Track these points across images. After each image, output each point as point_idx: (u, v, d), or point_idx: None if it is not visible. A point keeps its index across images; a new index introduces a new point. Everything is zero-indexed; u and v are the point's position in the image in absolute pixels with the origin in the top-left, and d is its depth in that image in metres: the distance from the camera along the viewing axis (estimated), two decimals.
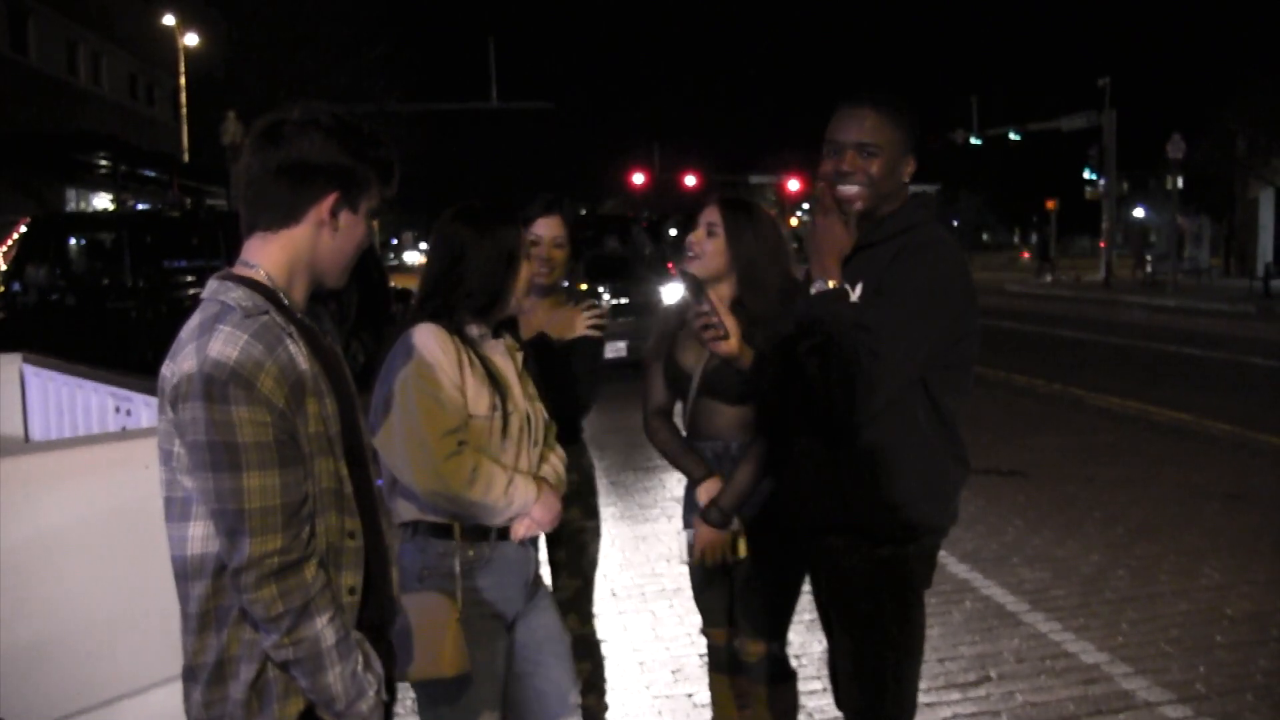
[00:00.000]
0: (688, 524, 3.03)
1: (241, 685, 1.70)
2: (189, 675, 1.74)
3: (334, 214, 1.75)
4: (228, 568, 1.66)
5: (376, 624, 1.89)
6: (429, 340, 2.36)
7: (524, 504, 2.42)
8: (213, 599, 1.70)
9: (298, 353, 1.70)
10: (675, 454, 2.98)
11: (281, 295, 1.75)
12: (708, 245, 2.86)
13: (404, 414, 2.31)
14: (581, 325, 3.11)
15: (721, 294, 2.83)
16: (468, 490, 2.31)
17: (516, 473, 2.43)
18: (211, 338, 1.64)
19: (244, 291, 1.71)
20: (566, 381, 3.01)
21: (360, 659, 1.74)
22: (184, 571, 1.72)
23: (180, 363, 1.65)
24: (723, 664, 3.16)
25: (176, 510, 1.71)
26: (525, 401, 2.51)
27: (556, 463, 2.61)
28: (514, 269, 2.48)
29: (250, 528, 1.62)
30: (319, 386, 1.73)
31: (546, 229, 3.13)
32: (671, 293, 2.79)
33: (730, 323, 2.50)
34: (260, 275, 1.74)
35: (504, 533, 2.45)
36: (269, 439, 1.64)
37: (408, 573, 2.42)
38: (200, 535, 1.69)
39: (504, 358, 2.52)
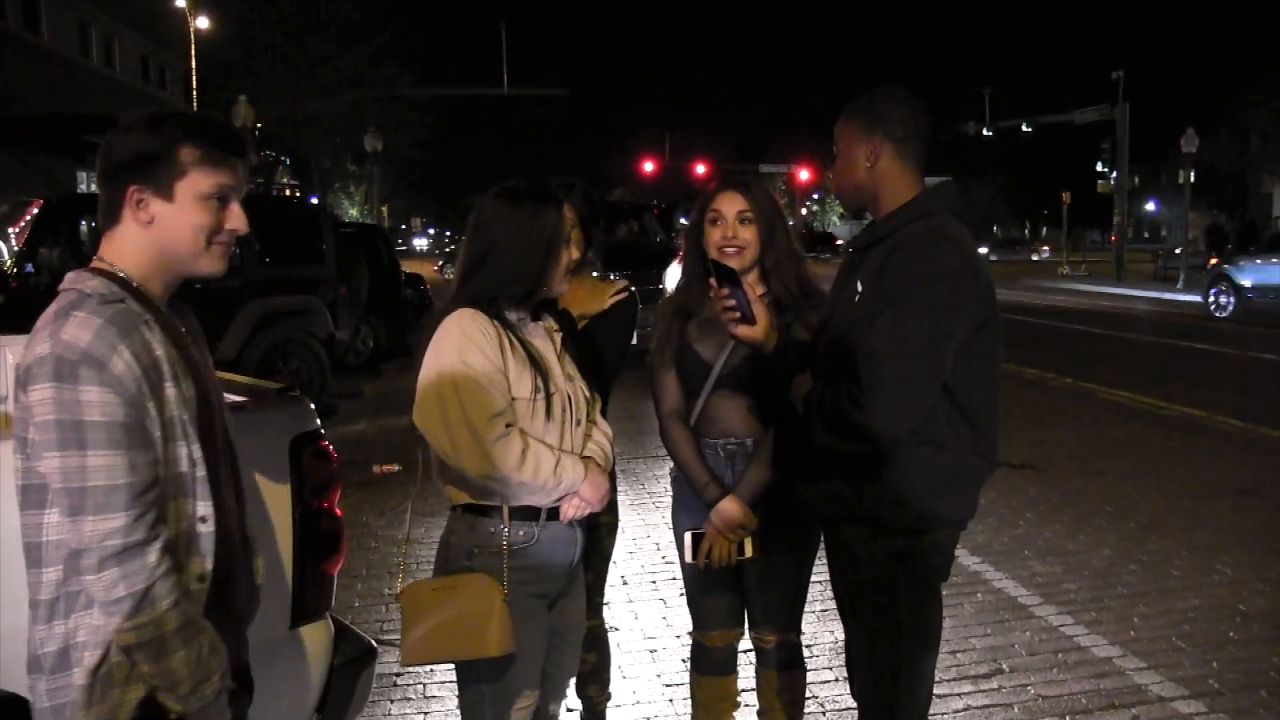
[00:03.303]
0: (680, 525, 2.96)
1: (84, 671, 1.71)
2: (34, 666, 1.75)
3: (140, 204, 1.78)
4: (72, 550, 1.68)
5: (234, 613, 1.93)
6: (469, 325, 2.34)
7: (572, 483, 2.41)
8: (63, 585, 1.72)
9: (154, 338, 1.75)
10: (694, 468, 2.84)
11: (137, 286, 1.80)
12: (745, 234, 2.78)
13: (450, 401, 2.29)
14: (608, 298, 3.04)
15: (749, 280, 2.75)
16: (517, 471, 2.30)
17: (563, 452, 2.42)
18: (66, 323, 1.68)
19: (101, 281, 1.76)
20: (598, 369, 2.97)
21: (206, 644, 1.75)
22: (38, 559, 1.73)
23: (33, 347, 1.68)
24: (714, 665, 3.05)
25: (32, 497, 1.73)
26: (565, 382, 2.49)
27: (602, 440, 2.59)
28: (554, 253, 2.44)
29: (92, 505, 1.64)
30: (176, 371, 1.78)
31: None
32: (671, 278, 2.74)
33: (760, 309, 2.47)
34: (114, 269, 1.79)
35: (553, 513, 2.45)
36: (119, 420, 1.67)
37: (457, 551, 2.44)
38: (55, 522, 1.71)
39: (543, 340, 2.50)
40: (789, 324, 2.72)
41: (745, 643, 3.09)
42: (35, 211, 9.27)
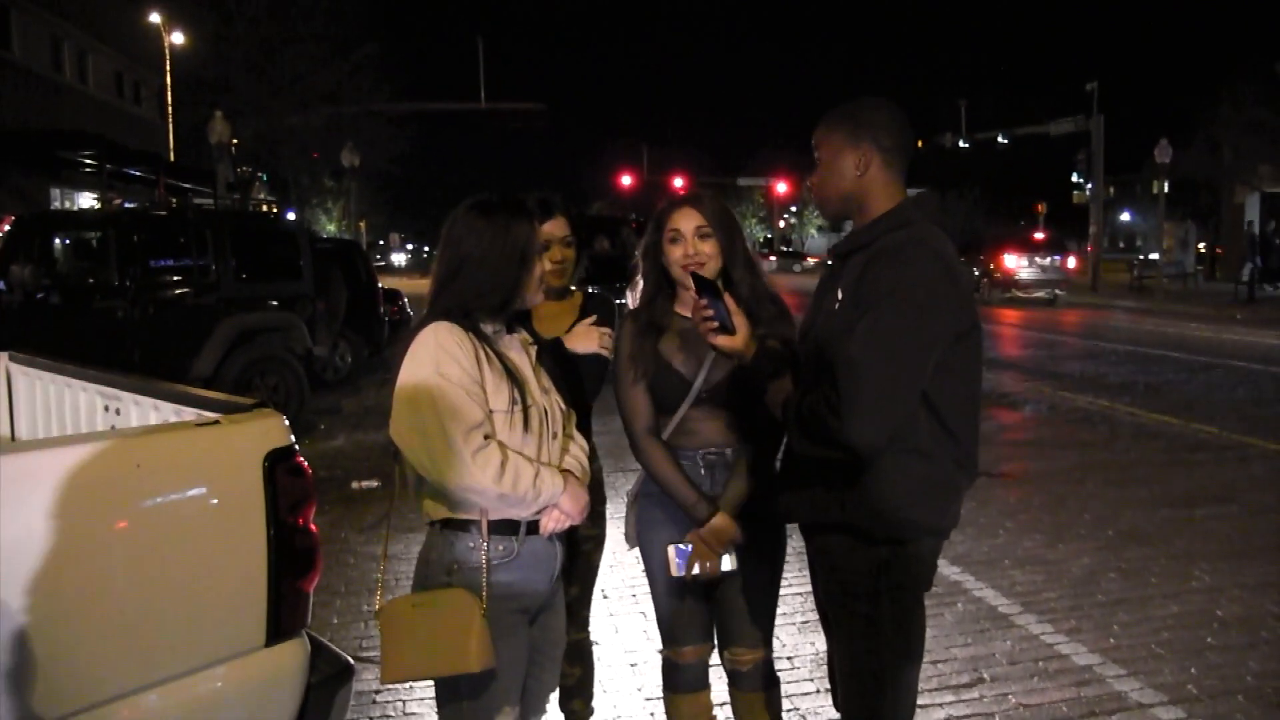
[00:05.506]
0: (650, 542, 2.95)
1: None
2: None
3: None
4: None
5: None
6: (444, 337, 2.33)
7: (551, 496, 2.39)
8: None
9: None
10: (680, 488, 2.80)
11: None
12: (705, 249, 2.79)
13: (427, 415, 2.27)
14: (597, 343, 3.04)
15: None
16: (497, 484, 2.28)
17: (542, 465, 2.40)
18: None
19: None
20: (575, 383, 2.97)
21: None
22: None
23: None
24: (688, 682, 3.00)
25: None
26: (542, 395, 2.48)
27: (579, 453, 2.58)
28: (528, 266, 2.44)
29: None
30: None
31: (553, 229, 3.08)
32: (633, 297, 2.77)
33: (740, 320, 2.47)
34: None
35: (533, 527, 2.43)
36: None
37: (436, 567, 2.42)
38: None
39: (519, 353, 2.50)
40: (763, 337, 2.73)
41: (713, 657, 3.06)
42: (6, 229, 9.18)
